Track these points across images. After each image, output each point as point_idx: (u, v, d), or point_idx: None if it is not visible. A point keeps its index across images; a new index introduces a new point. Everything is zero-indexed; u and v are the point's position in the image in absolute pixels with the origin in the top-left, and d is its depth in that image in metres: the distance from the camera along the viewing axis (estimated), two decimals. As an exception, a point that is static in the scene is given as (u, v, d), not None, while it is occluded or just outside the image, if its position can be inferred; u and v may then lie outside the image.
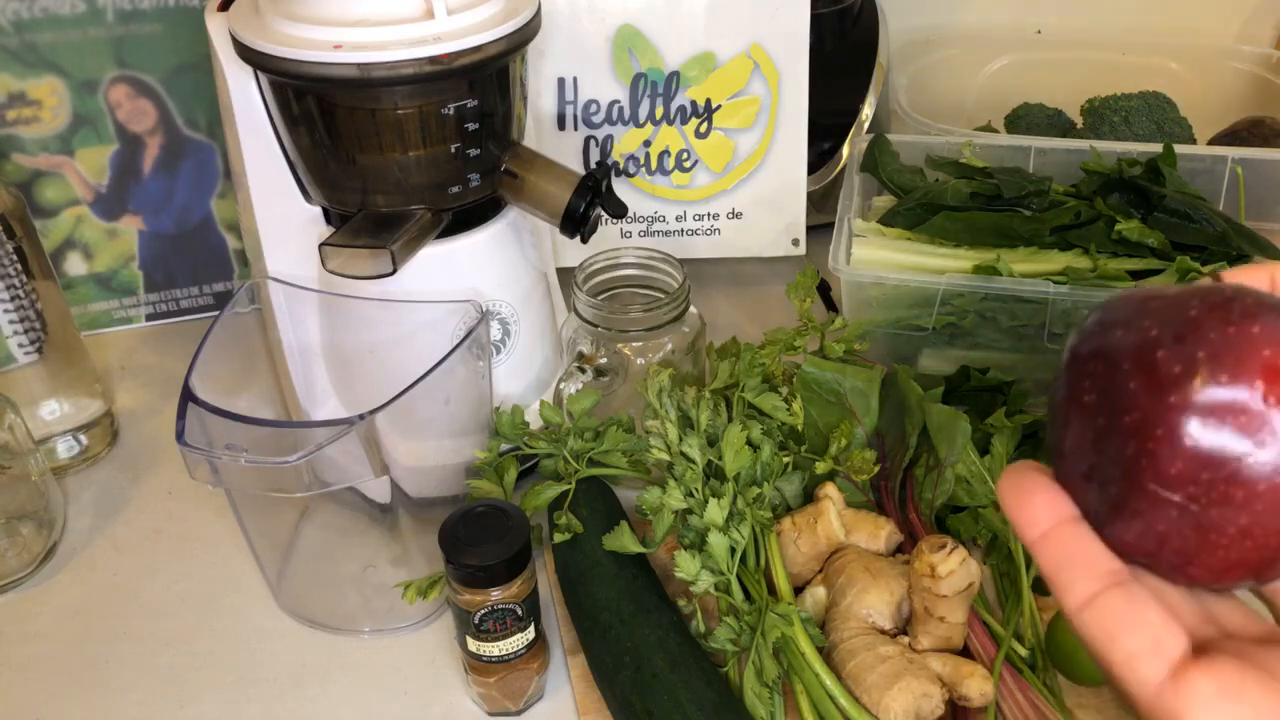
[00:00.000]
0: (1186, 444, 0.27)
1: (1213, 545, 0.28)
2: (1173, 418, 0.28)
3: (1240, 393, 0.27)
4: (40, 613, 0.64)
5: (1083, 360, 0.30)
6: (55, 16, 0.77)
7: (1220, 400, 0.27)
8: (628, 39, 0.81)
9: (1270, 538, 0.28)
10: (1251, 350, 0.27)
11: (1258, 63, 1.01)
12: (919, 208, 0.75)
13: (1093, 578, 0.29)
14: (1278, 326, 0.27)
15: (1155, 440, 0.28)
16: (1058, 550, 0.30)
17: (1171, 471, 0.28)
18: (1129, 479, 0.29)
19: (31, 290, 0.70)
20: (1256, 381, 0.27)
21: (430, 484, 0.65)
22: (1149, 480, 0.28)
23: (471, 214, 0.65)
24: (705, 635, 0.56)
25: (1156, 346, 0.28)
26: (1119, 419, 0.29)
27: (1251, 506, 0.27)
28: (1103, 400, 0.29)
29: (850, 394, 0.64)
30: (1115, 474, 0.29)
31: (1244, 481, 0.27)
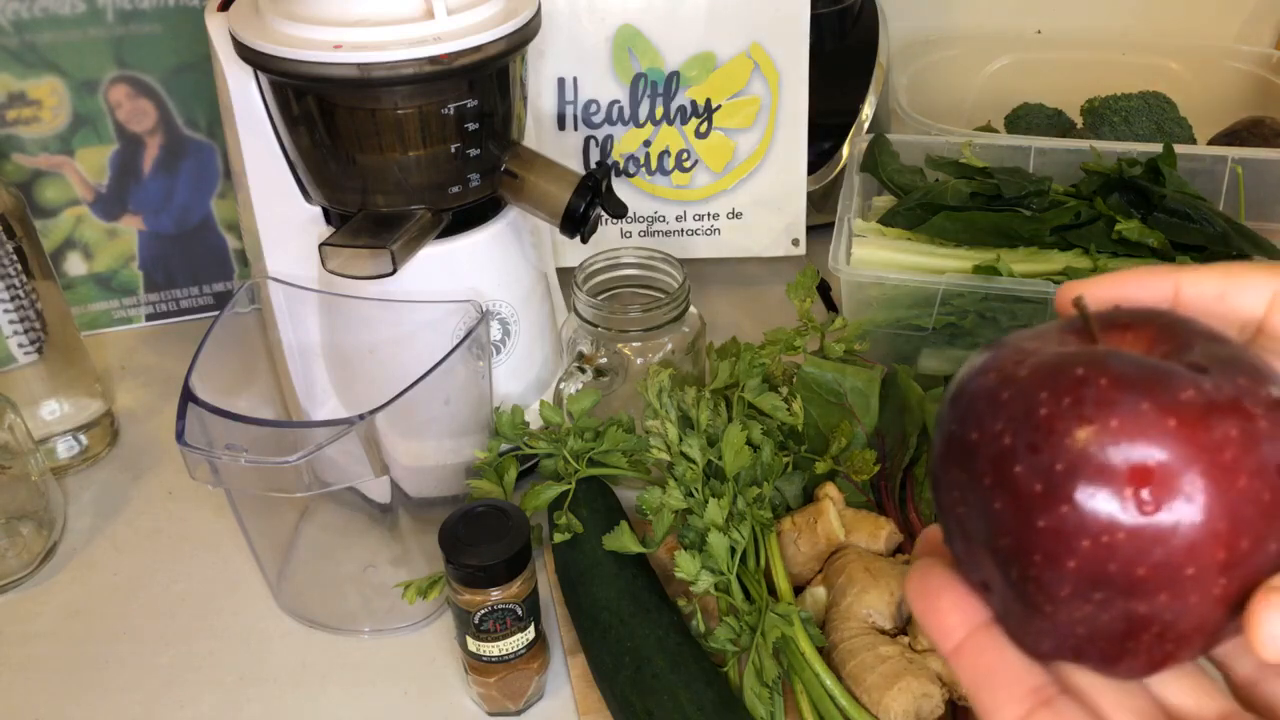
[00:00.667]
0: (1070, 566, 0.25)
1: (1131, 652, 0.26)
2: (1048, 543, 0.25)
3: (1112, 506, 0.24)
4: (40, 613, 0.64)
5: (946, 462, 0.28)
6: (55, 16, 0.77)
7: (1093, 518, 0.24)
8: (628, 39, 0.81)
9: (1190, 638, 0.26)
10: (1114, 455, 0.24)
11: (1258, 63, 1.01)
12: (919, 208, 0.75)
13: (1015, 699, 0.27)
14: (1139, 414, 0.24)
15: (1036, 567, 0.25)
16: (975, 665, 0.27)
17: (1062, 594, 0.25)
18: (1023, 600, 0.26)
19: (31, 290, 0.70)
20: (1126, 492, 0.24)
21: (430, 484, 0.65)
22: (1043, 602, 0.26)
23: (471, 214, 0.65)
24: (705, 635, 0.56)
25: (1013, 461, 0.25)
26: (997, 541, 0.26)
27: (1159, 617, 0.25)
28: (975, 515, 0.27)
29: (850, 394, 0.64)
30: (1010, 592, 0.27)
31: (1143, 595, 0.25)
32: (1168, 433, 0.24)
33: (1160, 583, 0.24)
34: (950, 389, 0.28)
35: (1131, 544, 0.24)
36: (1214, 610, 0.25)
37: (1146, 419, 0.24)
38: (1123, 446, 0.24)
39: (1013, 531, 0.25)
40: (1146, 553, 0.24)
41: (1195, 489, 0.24)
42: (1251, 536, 0.24)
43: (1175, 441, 0.24)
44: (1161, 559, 0.24)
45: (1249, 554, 0.24)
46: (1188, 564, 0.24)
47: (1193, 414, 0.24)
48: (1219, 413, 0.24)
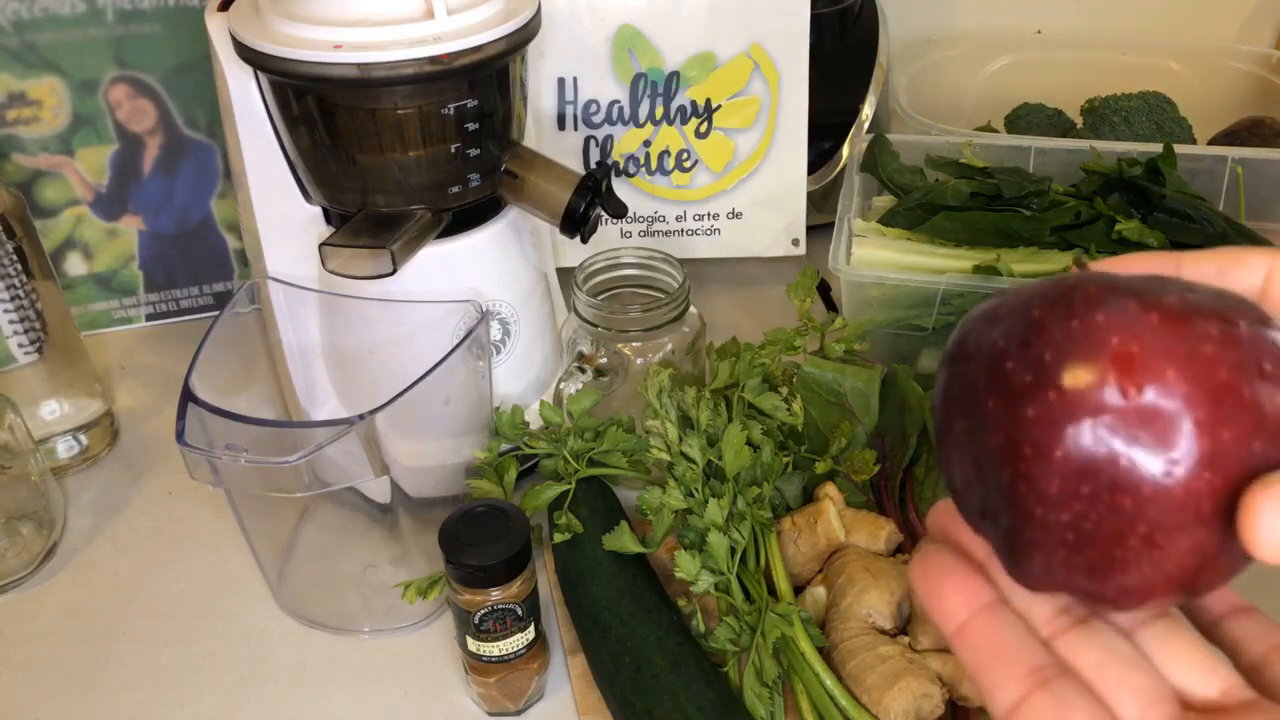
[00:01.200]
0: (1056, 457, 0.25)
1: (1120, 562, 0.26)
2: (1036, 432, 0.25)
3: (1096, 391, 0.25)
4: (40, 613, 0.64)
5: (946, 387, 0.28)
6: (55, 16, 0.77)
7: (1078, 402, 0.25)
8: (628, 39, 0.81)
9: (1179, 543, 0.25)
10: (1099, 342, 0.25)
11: (1258, 63, 1.01)
12: (919, 208, 0.75)
13: (1014, 679, 0.27)
14: (1124, 309, 0.25)
15: (1026, 461, 0.26)
16: (976, 646, 0.28)
17: (1051, 490, 0.26)
18: (1015, 507, 0.27)
19: (31, 290, 0.70)
20: (1109, 375, 0.25)
21: (430, 484, 0.65)
22: (1034, 505, 0.26)
23: (471, 214, 0.65)
24: (705, 635, 0.56)
25: (1005, 357, 0.26)
26: (988, 444, 0.27)
27: (1145, 513, 0.25)
28: (971, 427, 0.27)
29: (850, 394, 0.64)
30: (1003, 504, 0.27)
31: (1127, 486, 0.25)
32: (1150, 326, 0.25)
33: (1143, 472, 0.25)
34: (953, 334, 0.29)
35: (1113, 429, 0.25)
36: (1201, 508, 0.25)
37: (1131, 314, 0.25)
38: (1108, 337, 0.25)
39: (1004, 427, 0.26)
40: (1128, 438, 0.25)
41: (1176, 377, 0.24)
42: (1235, 430, 0.25)
43: (1157, 334, 0.25)
44: (1142, 443, 0.25)
45: (1233, 448, 0.25)
46: (1166, 448, 0.25)
47: (1175, 312, 0.25)
48: (1201, 314, 0.25)
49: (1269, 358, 0.25)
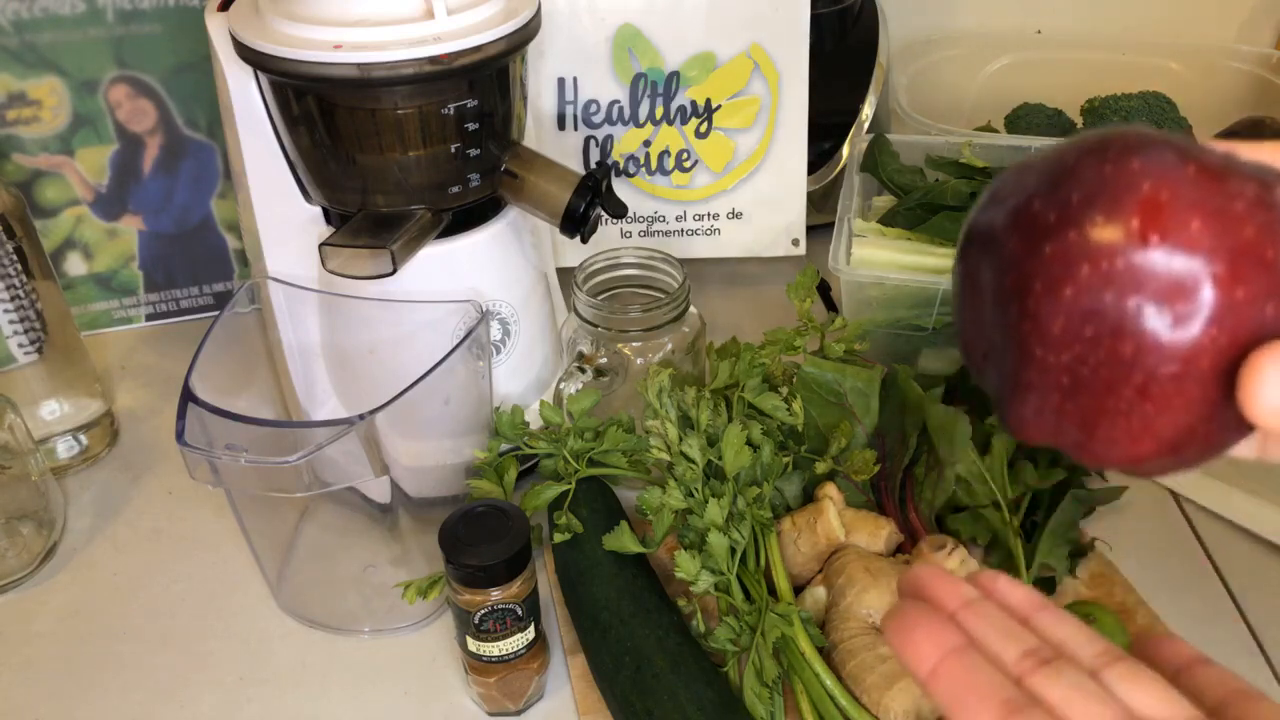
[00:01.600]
0: (1066, 295, 0.25)
1: (1111, 412, 0.26)
2: (1050, 269, 0.25)
3: (1117, 233, 0.24)
4: (40, 613, 0.64)
5: (971, 236, 0.28)
6: (55, 16, 0.77)
7: (1097, 243, 0.24)
8: (628, 39, 0.81)
9: (1173, 399, 0.25)
10: (1129, 186, 0.24)
11: (1258, 63, 1.01)
12: (919, 208, 0.75)
13: (988, 710, 0.28)
14: (1161, 158, 0.25)
15: (1035, 297, 0.25)
16: (949, 685, 0.29)
17: (1054, 330, 0.25)
18: (1017, 347, 0.26)
19: (31, 290, 0.70)
20: (1133, 220, 0.24)
21: (430, 484, 0.65)
22: (1035, 344, 0.26)
23: (471, 214, 0.65)
24: (705, 635, 0.56)
25: (1034, 198, 0.26)
26: (1003, 283, 0.26)
27: (1143, 362, 0.25)
28: (988, 270, 0.27)
29: (850, 394, 0.64)
30: (1006, 345, 0.27)
31: (1131, 333, 0.24)
32: (1184, 176, 0.24)
33: (1149, 318, 0.24)
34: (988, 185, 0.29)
35: (1128, 273, 0.24)
36: (1201, 364, 0.24)
37: (1167, 161, 0.25)
38: (1139, 182, 0.24)
39: (1020, 263, 0.26)
40: (1141, 284, 0.24)
41: (1199, 228, 0.24)
42: (1250, 290, 0.24)
43: (1189, 184, 0.24)
44: (1154, 293, 0.24)
45: (1245, 307, 0.24)
46: (1178, 300, 0.24)
47: (1213, 167, 0.25)
48: (1240, 175, 0.25)
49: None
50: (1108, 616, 0.56)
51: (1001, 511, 0.60)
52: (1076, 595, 0.62)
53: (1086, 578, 0.63)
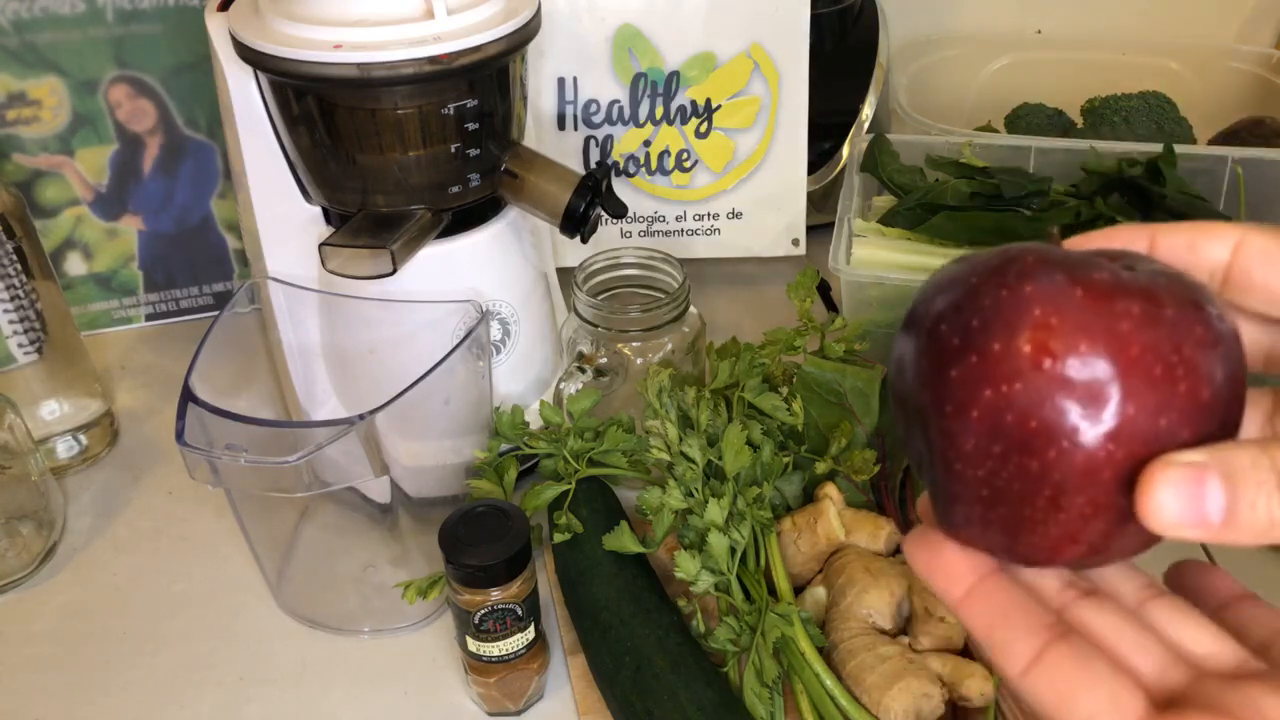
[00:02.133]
0: (973, 417, 0.27)
1: (1029, 521, 0.27)
2: (957, 392, 0.27)
3: (1013, 357, 0.26)
4: (40, 613, 0.64)
5: (896, 348, 0.30)
6: (55, 16, 0.77)
7: (995, 367, 0.26)
8: (628, 39, 0.81)
9: (1083, 509, 0.27)
10: (1022, 311, 0.26)
11: (1258, 63, 1.01)
12: (919, 208, 0.75)
13: (1030, 632, 0.27)
14: (1052, 281, 0.26)
15: (947, 418, 0.27)
16: (985, 607, 0.28)
17: (968, 448, 0.27)
18: (939, 463, 0.28)
19: (31, 290, 0.70)
20: (1025, 346, 0.26)
21: (430, 484, 0.65)
22: (954, 461, 0.28)
23: (471, 214, 0.65)
24: (705, 635, 0.56)
25: (940, 321, 0.28)
26: (920, 400, 0.28)
27: (1049, 477, 0.26)
28: (909, 384, 0.29)
29: (850, 394, 0.64)
30: (930, 459, 0.29)
31: (1035, 450, 0.26)
32: (1073, 300, 0.26)
33: (1049, 437, 0.26)
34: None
35: (1026, 395, 0.26)
36: (1102, 476, 0.26)
37: (1057, 286, 0.26)
38: (1031, 308, 0.26)
39: (932, 384, 0.28)
40: (1038, 406, 0.26)
41: (1089, 351, 0.26)
42: (1141, 406, 0.26)
43: (1077, 307, 0.26)
44: (1051, 413, 0.26)
45: (1138, 423, 0.26)
46: (1073, 420, 0.26)
47: (1100, 288, 0.26)
48: (1126, 292, 0.26)
49: (1190, 341, 0.26)
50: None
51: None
52: (1076, 595, 0.62)
53: (1086, 578, 0.63)
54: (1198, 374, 0.26)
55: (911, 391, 0.29)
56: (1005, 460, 0.27)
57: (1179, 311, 0.26)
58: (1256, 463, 0.25)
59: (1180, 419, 0.26)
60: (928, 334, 0.28)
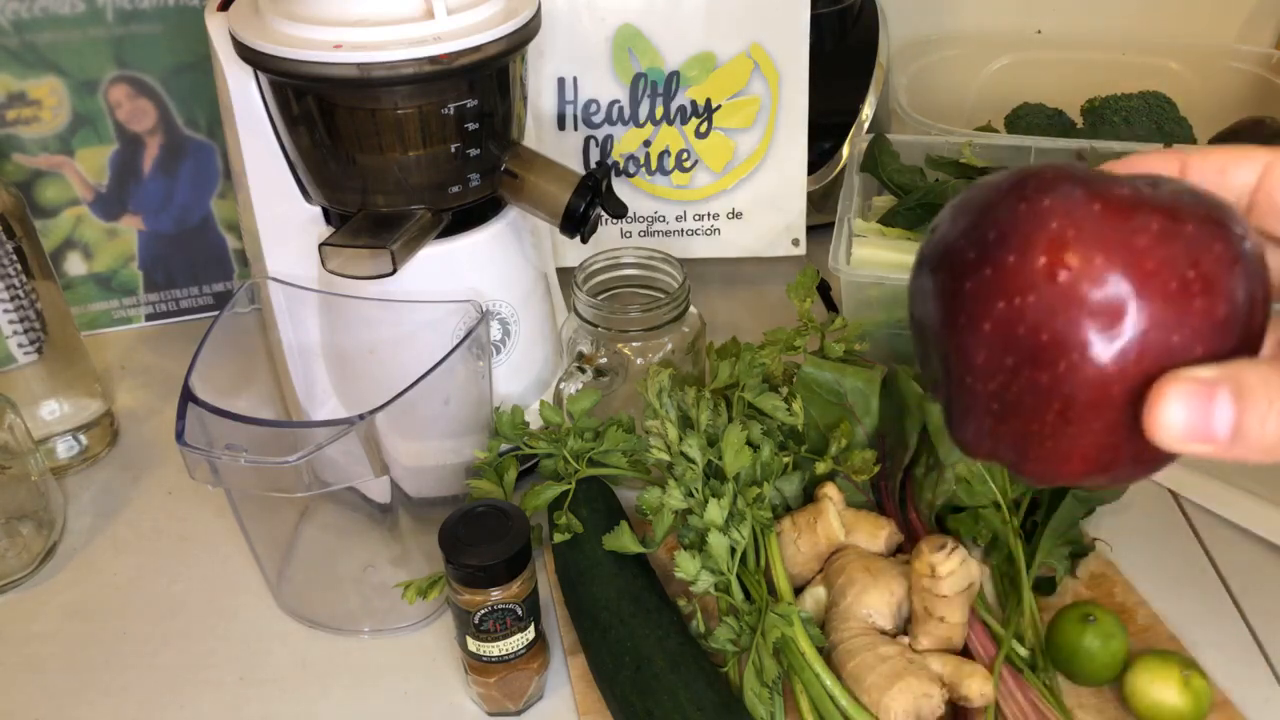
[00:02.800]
0: (985, 329, 0.27)
1: (1038, 435, 0.27)
2: (971, 304, 0.27)
3: (1028, 269, 0.26)
4: (40, 613, 0.64)
5: (914, 269, 0.30)
6: (55, 16, 0.77)
7: (1010, 279, 0.26)
8: (628, 39, 0.81)
9: (1091, 423, 0.26)
10: (1039, 224, 0.26)
11: (1258, 63, 1.01)
12: (919, 208, 0.75)
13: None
14: (1070, 195, 0.26)
15: (959, 331, 0.27)
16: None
17: (979, 361, 0.27)
18: (951, 377, 0.28)
19: (31, 290, 0.70)
20: (1041, 257, 0.26)
21: (430, 484, 0.65)
22: (965, 374, 0.28)
23: (471, 214, 0.65)
24: (705, 635, 0.56)
25: (959, 238, 0.28)
26: (934, 316, 0.28)
27: (1060, 390, 0.26)
28: (924, 303, 0.29)
29: (850, 394, 0.64)
30: (942, 374, 0.29)
31: (1046, 363, 0.26)
32: (1090, 214, 0.26)
33: (1060, 350, 0.26)
34: None
35: (1039, 308, 0.26)
36: (1112, 391, 0.26)
37: (1075, 200, 0.26)
38: (1048, 220, 0.26)
39: (947, 300, 0.28)
40: (1051, 318, 0.26)
41: (1104, 264, 0.25)
42: (1155, 322, 0.25)
43: (1094, 220, 0.26)
44: (1062, 326, 0.26)
45: (1150, 338, 0.25)
46: (1085, 334, 0.26)
47: (1119, 203, 0.26)
48: (1145, 208, 0.26)
49: (1209, 258, 0.26)
50: (1108, 616, 0.56)
51: (1001, 511, 0.60)
52: (1076, 595, 0.62)
53: (1086, 578, 0.63)
54: (1215, 291, 0.26)
55: (928, 310, 0.28)
56: (1016, 373, 0.26)
57: (1199, 228, 0.26)
58: (1268, 381, 0.25)
59: (1194, 336, 0.26)
60: (944, 250, 0.28)
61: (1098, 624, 0.55)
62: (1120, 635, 0.55)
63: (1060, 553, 0.61)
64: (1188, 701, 0.52)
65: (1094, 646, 0.55)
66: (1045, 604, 0.60)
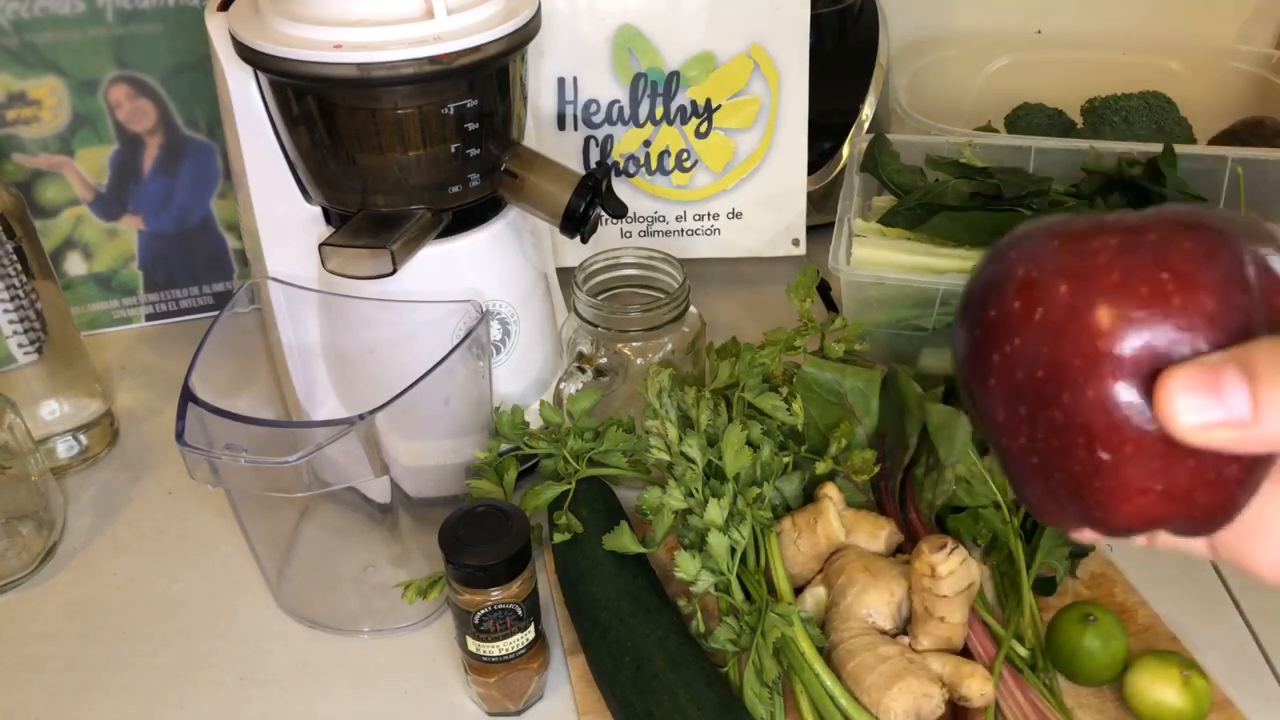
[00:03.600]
0: (992, 385, 0.28)
1: (1084, 476, 0.27)
2: (978, 366, 0.28)
3: (1007, 318, 0.27)
4: (41, 613, 0.64)
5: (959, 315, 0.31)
6: (55, 16, 0.77)
7: (996, 332, 0.27)
8: (628, 39, 0.81)
9: (1123, 445, 0.26)
10: (1008, 276, 0.27)
11: (1258, 63, 1.01)
12: (919, 208, 0.75)
13: None
14: (1032, 241, 0.27)
15: (977, 399, 0.28)
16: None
17: (1000, 419, 0.28)
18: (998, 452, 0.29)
19: (31, 290, 0.70)
20: (1015, 303, 0.27)
21: (430, 484, 0.65)
22: (1000, 438, 0.28)
23: (471, 214, 0.65)
24: (705, 635, 0.56)
25: (960, 311, 0.29)
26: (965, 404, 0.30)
27: (1075, 421, 0.26)
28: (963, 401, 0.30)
29: (850, 394, 0.64)
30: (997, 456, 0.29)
31: (1052, 398, 0.26)
32: (1049, 250, 0.27)
33: (1059, 381, 0.26)
34: None
35: (1027, 348, 0.27)
36: (1121, 403, 0.26)
37: (1037, 243, 0.27)
38: (1015, 270, 0.27)
39: (962, 375, 0.29)
40: (1040, 354, 0.26)
41: (1070, 290, 0.26)
42: (1136, 328, 0.25)
43: (1054, 255, 0.27)
44: (1052, 356, 0.26)
45: (1137, 345, 0.25)
46: (1075, 358, 0.26)
47: (1076, 234, 0.27)
48: (1104, 231, 0.27)
49: (1178, 255, 0.26)
50: (1108, 616, 0.56)
51: (1001, 511, 0.60)
52: (1076, 595, 0.62)
53: (1086, 578, 0.63)
54: (1194, 285, 0.25)
55: (963, 401, 0.30)
56: (1034, 420, 0.27)
57: (1163, 233, 0.26)
58: (1275, 349, 0.25)
59: (1187, 332, 0.25)
60: (953, 326, 0.29)
61: (1098, 624, 0.55)
62: (1120, 635, 0.55)
63: (1060, 553, 0.61)
64: (1188, 701, 0.52)
65: (1094, 646, 0.55)
66: (1045, 604, 0.60)
